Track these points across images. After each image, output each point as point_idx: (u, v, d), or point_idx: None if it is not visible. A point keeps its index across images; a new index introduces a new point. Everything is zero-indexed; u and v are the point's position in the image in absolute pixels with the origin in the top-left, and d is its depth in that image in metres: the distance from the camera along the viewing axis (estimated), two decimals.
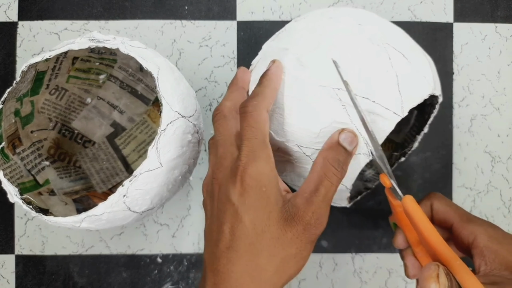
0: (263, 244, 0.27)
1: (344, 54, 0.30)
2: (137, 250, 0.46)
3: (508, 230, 0.46)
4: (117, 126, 0.45)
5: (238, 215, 0.27)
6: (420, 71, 0.32)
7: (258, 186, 0.27)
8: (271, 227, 0.27)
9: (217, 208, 0.29)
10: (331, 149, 0.29)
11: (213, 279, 0.28)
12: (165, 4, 0.47)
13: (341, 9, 0.35)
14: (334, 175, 0.28)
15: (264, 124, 0.29)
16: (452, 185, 0.46)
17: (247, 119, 0.29)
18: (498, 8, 0.47)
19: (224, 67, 0.47)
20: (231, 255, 0.27)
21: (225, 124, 0.31)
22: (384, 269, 0.46)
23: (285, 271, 0.28)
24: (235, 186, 0.28)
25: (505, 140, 0.47)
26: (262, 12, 0.47)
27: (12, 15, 0.47)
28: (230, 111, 0.31)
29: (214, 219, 0.29)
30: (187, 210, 0.46)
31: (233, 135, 0.31)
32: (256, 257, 0.27)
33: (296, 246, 0.27)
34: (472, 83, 0.47)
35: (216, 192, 0.29)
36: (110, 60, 0.42)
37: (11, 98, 0.36)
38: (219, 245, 0.28)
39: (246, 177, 0.27)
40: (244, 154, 0.28)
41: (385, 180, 0.31)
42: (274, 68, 0.31)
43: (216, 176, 0.30)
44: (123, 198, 0.31)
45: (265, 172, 0.28)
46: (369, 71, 0.30)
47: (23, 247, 0.46)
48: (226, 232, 0.28)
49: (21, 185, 0.37)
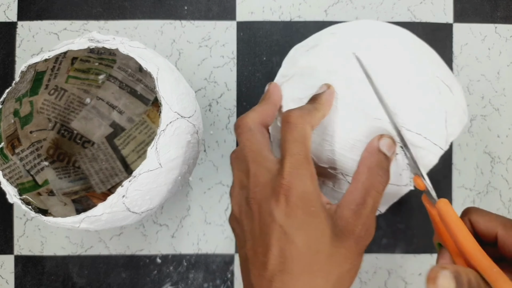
0: (318, 264, 0.26)
1: (393, 86, 0.30)
2: (136, 250, 0.46)
3: None
4: (117, 127, 0.45)
5: (288, 237, 0.26)
6: (461, 104, 0.32)
7: (306, 206, 0.26)
8: (325, 245, 0.26)
9: (259, 230, 0.27)
10: (373, 157, 0.28)
11: None
12: (165, 4, 0.47)
13: (380, 26, 0.33)
14: (380, 184, 0.27)
15: (308, 139, 0.28)
16: (452, 185, 0.46)
17: (291, 131, 0.27)
18: (498, 9, 0.47)
19: (223, 68, 0.47)
20: (285, 278, 0.25)
21: (252, 137, 0.29)
22: (384, 269, 0.46)
23: (341, 287, 0.27)
24: (279, 206, 0.26)
25: (505, 140, 0.47)
26: (261, 12, 0.47)
27: (11, 15, 0.47)
28: (256, 124, 0.30)
29: (257, 241, 0.27)
30: (187, 210, 0.46)
31: (265, 149, 0.29)
32: (313, 278, 0.26)
33: (350, 261, 0.26)
34: (471, 84, 0.47)
35: (256, 212, 0.27)
36: (109, 60, 0.42)
37: (10, 98, 0.35)
38: (269, 268, 0.26)
39: (291, 196, 0.26)
40: (286, 172, 0.26)
41: (419, 182, 0.30)
42: (328, 94, 0.30)
43: (254, 195, 0.28)
44: (123, 199, 0.31)
45: (310, 191, 0.26)
46: (423, 106, 0.30)
47: (22, 248, 0.46)
48: (276, 254, 0.26)
49: (20, 185, 0.37)
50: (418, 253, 0.46)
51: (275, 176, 0.27)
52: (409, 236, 0.46)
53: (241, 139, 0.30)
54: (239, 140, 0.30)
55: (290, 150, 0.27)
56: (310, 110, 0.29)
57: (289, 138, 0.27)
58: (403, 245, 0.46)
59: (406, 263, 0.46)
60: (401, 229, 0.46)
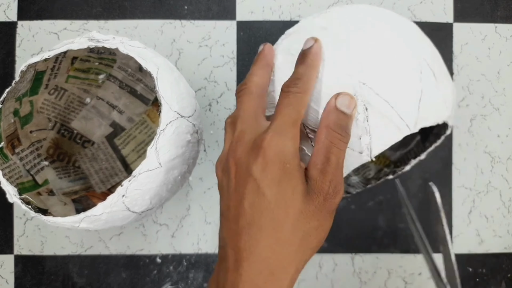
0: (287, 218, 0.27)
1: (378, 51, 0.30)
2: (136, 250, 0.46)
3: (508, 231, 0.46)
4: (116, 126, 0.45)
5: (260, 190, 0.27)
6: (444, 95, 0.32)
7: (282, 162, 0.27)
8: (295, 201, 0.27)
9: (235, 184, 0.28)
10: (330, 115, 0.28)
11: (235, 257, 0.27)
12: (165, 4, 0.47)
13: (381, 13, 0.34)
14: (340, 140, 0.28)
15: (303, 107, 0.29)
16: (452, 185, 0.46)
17: (288, 97, 0.28)
18: (498, 8, 0.47)
19: (223, 67, 0.47)
20: (253, 231, 0.26)
21: (250, 100, 0.30)
22: (384, 269, 0.46)
23: (308, 244, 0.28)
24: (257, 161, 0.27)
25: (505, 140, 0.47)
26: (261, 12, 0.47)
27: (11, 15, 0.47)
28: (257, 87, 0.31)
29: (231, 196, 0.28)
30: (187, 210, 0.46)
31: (258, 111, 0.30)
32: (279, 232, 0.26)
33: (317, 218, 0.27)
34: (472, 83, 0.47)
35: (233, 168, 0.28)
36: (109, 60, 0.42)
37: (10, 98, 0.35)
38: (239, 221, 0.27)
39: (269, 152, 0.27)
40: (271, 129, 0.27)
41: None
42: (317, 47, 0.30)
43: (234, 151, 0.29)
44: (122, 198, 0.31)
45: (289, 149, 0.27)
46: (398, 76, 0.30)
47: (22, 247, 0.46)
48: (247, 207, 0.27)
49: (20, 185, 0.37)
50: (418, 253, 0.46)
51: (258, 134, 0.28)
52: (409, 236, 0.46)
53: (240, 101, 0.31)
54: (238, 102, 0.31)
55: (281, 112, 0.28)
56: (305, 73, 0.29)
57: (284, 102, 0.28)
58: (403, 245, 0.46)
59: (406, 263, 0.46)
60: (401, 229, 0.46)
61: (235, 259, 0.27)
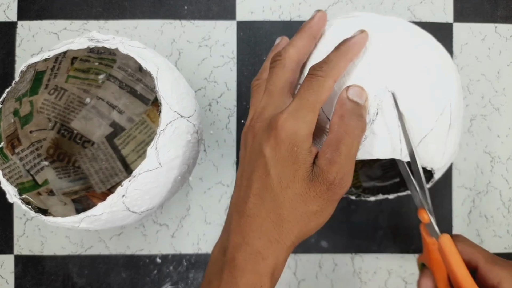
0: (286, 198, 0.28)
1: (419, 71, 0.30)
2: (136, 250, 0.46)
3: (507, 231, 0.46)
4: (116, 126, 0.45)
5: (267, 167, 0.28)
6: (446, 147, 0.32)
7: (291, 144, 0.28)
8: (296, 184, 0.28)
9: (249, 157, 0.30)
10: (343, 106, 0.28)
11: (239, 220, 0.29)
12: (165, 4, 0.47)
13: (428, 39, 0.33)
14: (353, 129, 0.28)
15: (325, 92, 0.29)
16: (452, 185, 0.46)
17: (311, 81, 0.29)
18: (498, 8, 0.47)
19: (223, 67, 0.47)
20: (257, 201, 0.29)
21: (281, 73, 0.30)
22: (384, 269, 0.46)
23: (305, 225, 0.29)
24: (269, 140, 0.28)
25: (505, 140, 0.47)
26: (261, 12, 0.47)
27: (11, 15, 0.47)
28: (292, 61, 0.31)
29: (245, 166, 0.30)
30: (187, 210, 0.46)
31: (285, 87, 0.30)
32: (279, 208, 0.28)
33: (318, 204, 0.28)
34: (471, 83, 0.47)
35: (250, 141, 0.30)
36: (109, 60, 0.42)
37: (10, 98, 0.35)
38: (248, 190, 0.29)
39: (281, 132, 0.28)
40: (288, 110, 0.28)
41: (424, 215, 0.31)
42: (359, 38, 0.30)
43: (254, 125, 0.30)
44: (122, 198, 0.31)
45: (301, 132, 0.28)
46: (420, 104, 0.30)
47: (22, 247, 0.46)
48: (255, 180, 0.29)
49: (20, 185, 0.37)
50: (418, 253, 0.46)
51: (277, 113, 0.29)
52: (409, 236, 0.46)
53: (271, 72, 0.31)
54: (270, 71, 0.31)
55: (300, 95, 0.29)
56: (335, 61, 0.29)
57: (306, 85, 0.29)
58: (403, 245, 0.46)
59: (406, 263, 0.46)
60: (401, 229, 0.46)
61: (239, 223, 0.29)
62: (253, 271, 0.28)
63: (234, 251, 0.29)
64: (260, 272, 0.28)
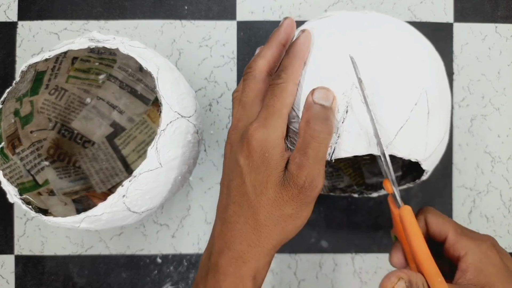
0: (261, 203, 0.29)
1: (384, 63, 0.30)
2: (136, 250, 0.46)
3: (508, 231, 0.46)
4: (117, 126, 0.45)
5: (242, 176, 0.30)
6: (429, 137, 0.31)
7: (262, 151, 0.29)
8: (269, 189, 0.29)
9: (228, 167, 0.32)
10: (310, 110, 0.29)
11: (221, 227, 0.31)
12: (165, 4, 0.47)
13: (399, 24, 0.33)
14: (320, 133, 0.29)
15: (288, 96, 0.30)
16: (452, 185, 0.46)
17: (273, 89, 0.30)
18: (498, 8, 0.47)
19: (224, 67, 0.47)
20: (236, 209, 0.30)
21: (252, 85, 0.32)
22: (384, 269, 0.46)
23: (283, 228, 0.30)
24: (243, 149, 0.30)
25: (505, 140, 0.47)
26: (262, 12, 0.47)
27: (11, 15, 0.47)
28: (261, 71, 0.32)
29: (225, 175, 0.32)
30: (187, 210, 0.46)
31: (257, 98, 0.31)
32: (256, 214, 0.29)
33: (292, 207, 0.29)
34: (472, 83, 0.47)
35: (228, 152, 0.32)
36: (109, 60, 0.42)
37: (11, 98, 0.35)
38: (228, 198, 0.31)
39: (252, 141, 0.29)
40: (257, 120, 0.30)
41: (388, 186, 0.32)
42: (303, 38, 0.32)
43: (230, 137, 0.32)
44: (123, 199, 0.31)
45: (271, 139, 0.29)
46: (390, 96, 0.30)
47: (22, 247, 0.46)
48: (233, 188, 0.30)
49: (21, 185, 0.37)
50: None
51: (247, 125, 0.30)
52: None
53: (245, 84, 0.32)
54: (243, 83, 0.32)
55: (266, 104, 0.30)
56: (289, 65, 0.31)
57: (269, 93, 0.30)
58: None
59: None
60: None
61: (221, 229, 0.31)
62: (235, 274, 0.29)
63: (217, 256, 0.30)
64: (242, 275, 0.29)
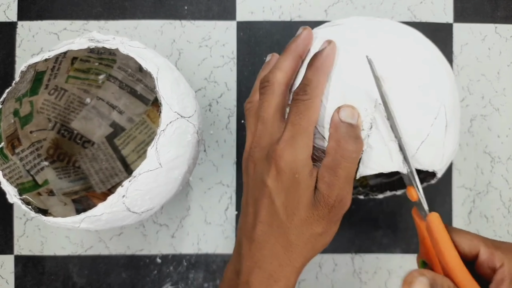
0: (292, 224, 0.29)
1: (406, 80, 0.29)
2: (136, 250, 0.46)
3: (507, 231, 0.46)
4: (117, 126, 0.45)
5: (271, 196, 0.29)
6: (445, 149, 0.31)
7: (292, 172, 0.28)
8: (300, 210, 0.29)
9: (253, 185, 0.31)
10: (338, 130, 0.29)
11: (249, 246, 0.30)
12: (165, 4, 0.47)
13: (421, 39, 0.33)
14: (352, 153, 0.28)
15: (315, 113, 0.29)
16: (452, 185, 0.46)
17: (297, 106, 0.29)
18: (498, 9, 0.47)
19: (223, 67, 0.47)
20: (265, 228, 0.30)
21: (271, 99, 0.31)
22: (384, 269, 0.46)
23: (313, 246, 0.30)
24: (270, 170, 0.29)
25: (505, 140, 0.47)
26: (262, 12, 0.47)
27: (11, 15, 0.47)
28: (280, 84, 0.31)
29: (249, 193, 0.31)
30: (187, 210, 0.46)
31: (277, 113, 0.30)
32: (287, 234, 0.29)
33: (322, 226, 0.29)
34: (472, 84, 0.47)
35: (252, 170, 0.31)
36: (109, 60, 0.42)
37: (10, 98, 0.35)
38: (255, 217, 0.30)
39: (281, 162, 0.28)
40: (283, 139, 0.29)
41: (412, 193, 0.30)
42: (329, 50, 0.30)
43: (253, 154, 0.31)
44: (123, 199, 0.31)
45: (300, 159, 0.29)
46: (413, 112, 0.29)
47: (22, 248, 0.46)
48: (261, 207, 0.30)
49: (20, 185, 0.37)
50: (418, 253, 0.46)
51: (274, 141, 0.29)
52: (409, 236, 0.46)
53: (263, 98, 0.31)
54: (261, 97, 0.31)
55: (291, 121, 0.29)
56: (314, 79, 0.29)
57: (294, 110, 0.29)
58: (403, 245, 0.46)
59: (406, 263, 0.46)
60: (401, 229, 0.46)
61: (249, 248, 0.30)
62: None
63: (247, 275, 0.30)
64: None
